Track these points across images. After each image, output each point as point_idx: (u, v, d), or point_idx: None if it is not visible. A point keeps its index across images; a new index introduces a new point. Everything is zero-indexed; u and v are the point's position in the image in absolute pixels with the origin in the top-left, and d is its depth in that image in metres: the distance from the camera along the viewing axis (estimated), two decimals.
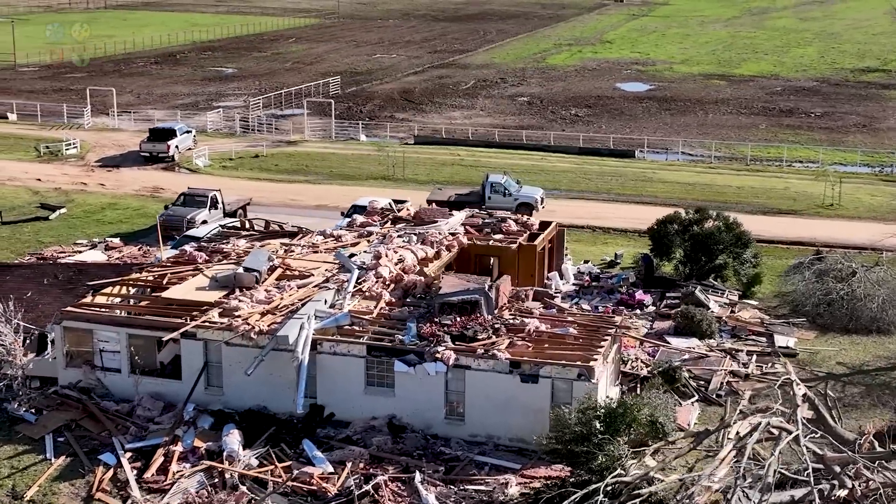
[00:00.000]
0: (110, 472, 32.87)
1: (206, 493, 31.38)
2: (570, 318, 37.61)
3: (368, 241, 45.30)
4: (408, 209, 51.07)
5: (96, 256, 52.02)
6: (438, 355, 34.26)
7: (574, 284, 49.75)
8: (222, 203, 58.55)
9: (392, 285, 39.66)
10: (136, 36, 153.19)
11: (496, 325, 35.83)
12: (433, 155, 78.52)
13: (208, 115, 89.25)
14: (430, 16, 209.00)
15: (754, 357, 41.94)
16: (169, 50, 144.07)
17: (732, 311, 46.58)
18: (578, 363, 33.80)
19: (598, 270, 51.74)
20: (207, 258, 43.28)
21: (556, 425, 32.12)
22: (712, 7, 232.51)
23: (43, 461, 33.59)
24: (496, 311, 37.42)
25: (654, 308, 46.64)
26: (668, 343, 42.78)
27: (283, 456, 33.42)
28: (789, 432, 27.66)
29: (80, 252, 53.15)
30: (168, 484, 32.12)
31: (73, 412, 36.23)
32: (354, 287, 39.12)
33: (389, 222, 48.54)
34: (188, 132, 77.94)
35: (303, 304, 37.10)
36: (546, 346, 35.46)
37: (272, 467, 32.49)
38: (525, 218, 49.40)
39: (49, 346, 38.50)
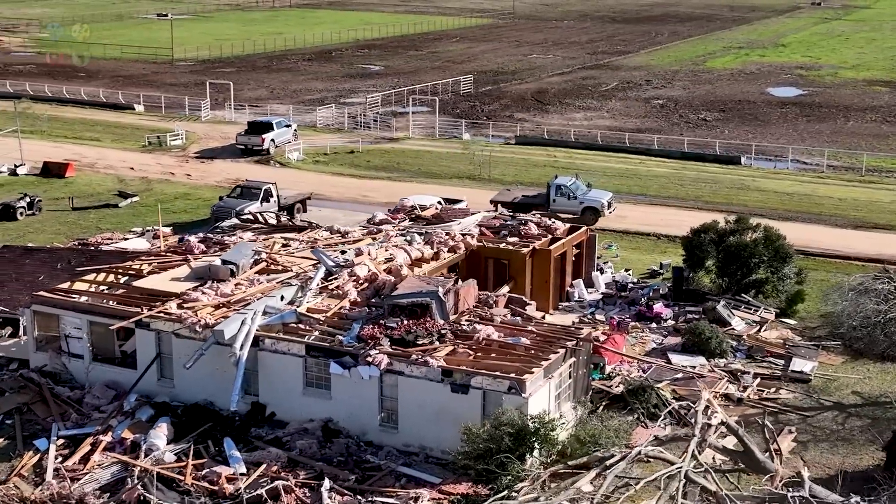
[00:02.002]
0: (36, 458, 32.89)
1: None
2: (530, 328, 35.38)
3: (374, 238, 44.16)
4: (436, 208, 49.57)
5: (139, 245, 52.61)
6: (370, 359, 32.81)
7: (603, 293, 47.15)
8: (277, 196, 58.43)
9: (366, 284, 38.36)
10: (305, 33, 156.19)
11: (443, 331, 34.04)
12: (529, 156, 76.51)
13: (319, 111, 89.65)
14: (608, 17, 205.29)
15: (757, 381, 38.65)
16: (328, 47, 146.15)
17: (759, 330, 43.12)
18: (512, 375, 31.73)
19: (633, 280, 48.87)
20: (204, 249, 43.06)
21: (467, 440, 30.32)
22: None
23: None
24: (455, 316, 35.68)
25: (674, 322, 43.67)
26: (668, 360, 40.02)
27: (204, 453, 32.70)
28: (670, 462, 24.94)
29: (127, 239, 53.92)
30: (83, 473, 31.86)
31: (30, 395, 36.51)
32: (324, 284, 38.09)
33: (406, 221, 47.36)
34: (287, 126, 78.42)
35: (258, 300, 36.29)
36: (493, 355, 33.47)
37: (183, 464, 31.79)
38: (550, 221, 47.17)
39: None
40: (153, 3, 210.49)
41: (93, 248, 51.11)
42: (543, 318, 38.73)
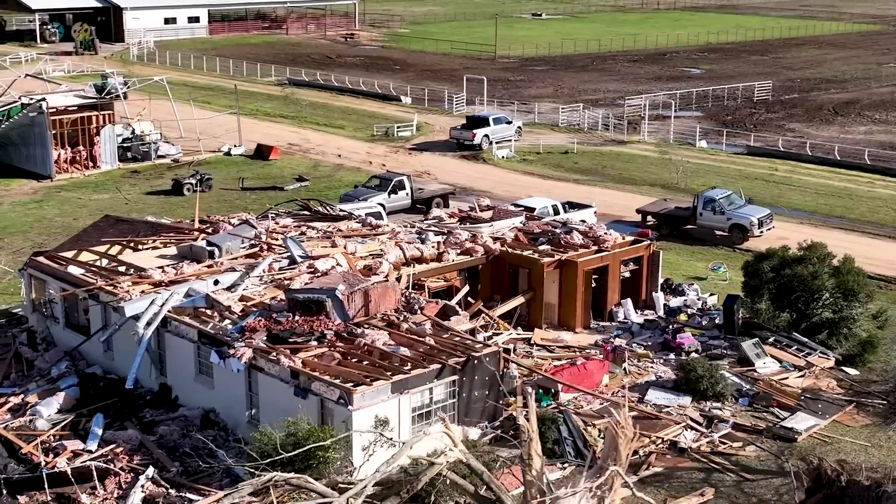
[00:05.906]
0: None
1: None
2: (427, 339, 32.29)
3: (396, 234, 42.34)
4: (524, 210, 46.76)
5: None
6: (232, 351, 31.51)
7: (657, 316, 42.21)
8: (410, 189, 57.62)
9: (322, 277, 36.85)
10: (659, 35, 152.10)
11: (326, 332, 31.97)
12: (747, 167, 69.89)
13: (561, 111, 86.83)
14: None
15: (723, 432, 32.99)
16: (668, 49, 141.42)
17: (788, 377, 36.74)
18: (349, 384, 29.22)
19: (703, 305, 43.24)
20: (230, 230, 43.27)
21: (253, 449, 28.23)
22: None
23: None
24: (364, 318, 33.38)
25: (697, 355, 38.19)
26: (642, 397, 35.16)
27: (82, 425, 32.93)
28: (322, 495, 21.81)
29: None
30: None
31: None
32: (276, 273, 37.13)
33: (459, 220, 45.14)
34: (508, 123, 76.88)
35: (192, 281, 35.99)
36: (365, 362, 31.02)
37: (39, 432, 32.23)
38: (602, 231, 42.77)
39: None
40: (541, 4, 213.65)
41: (156, 223, 52.24)
42: (472, 331, 35.17)
